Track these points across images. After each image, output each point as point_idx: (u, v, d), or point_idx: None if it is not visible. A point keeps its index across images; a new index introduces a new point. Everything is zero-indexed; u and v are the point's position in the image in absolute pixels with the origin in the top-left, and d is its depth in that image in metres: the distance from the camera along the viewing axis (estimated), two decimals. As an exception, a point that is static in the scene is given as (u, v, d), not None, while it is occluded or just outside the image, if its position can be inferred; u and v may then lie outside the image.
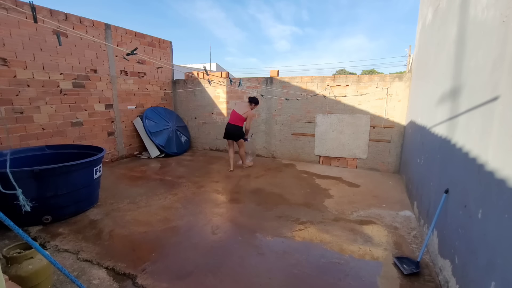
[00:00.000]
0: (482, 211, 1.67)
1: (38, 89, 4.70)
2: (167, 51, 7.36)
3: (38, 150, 4.10)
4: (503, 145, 1.48)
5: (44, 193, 3.07)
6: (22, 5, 4.30)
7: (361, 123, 5.69)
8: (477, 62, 1.97)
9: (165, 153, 6.60)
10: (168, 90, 7.54)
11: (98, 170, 3.61)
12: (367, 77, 5.64)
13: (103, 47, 5.68)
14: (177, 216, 3.48)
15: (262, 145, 6.80)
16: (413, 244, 2.91)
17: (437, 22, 3.39)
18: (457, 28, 2.53)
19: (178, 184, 4.68)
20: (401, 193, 4.44)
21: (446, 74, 2.75)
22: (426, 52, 3.97)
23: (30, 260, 1.94)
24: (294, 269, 2.47)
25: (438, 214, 2.41)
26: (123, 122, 6.35)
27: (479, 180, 1.74)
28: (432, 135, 3.09)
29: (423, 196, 3.27)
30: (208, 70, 4.10)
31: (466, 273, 1.82)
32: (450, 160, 2.37)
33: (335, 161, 6.10)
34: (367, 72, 31.87)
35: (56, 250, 2.69)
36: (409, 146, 4.71)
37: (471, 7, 2.20)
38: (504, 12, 1.59)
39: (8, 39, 4.25)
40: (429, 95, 3.45)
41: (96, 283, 2.25)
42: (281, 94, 6.29)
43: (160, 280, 2.29)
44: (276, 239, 2.98)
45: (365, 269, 2.49)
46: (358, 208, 3.80)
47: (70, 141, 5.21)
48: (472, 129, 1.94)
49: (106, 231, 3.09)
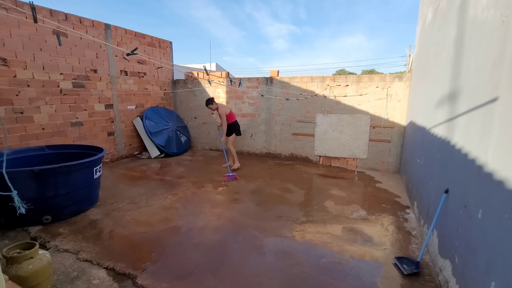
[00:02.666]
0: (482, 211, 1.67)
1: (38, 89, 4.70)
2: (167, 51, 7.36)
3: (38, 150, 4.09)
4: (503, 145, 1.48)
5: (44, 193, 3.07)
6: (22, 5, 4.30)
7: (361, 123, 5.69)
8: (477, 62, 1.97)
9: (165, 153, 6.61)
10: (168, 90, 7.54)
11: (98, 170, 3.61)
12: (367, 77, 5.64)
13: (103, 47, 5.68)
14: (177, 216, 3.48)
15: (262, 145, 6.81)
16: (413, 244, 2.91)
17: (437, 22, 3.39)
18: (457, 28, 2.53)
19: (178, 184, 4.68)
20: (401, 193, 4.44)
21: (446, 74, 2.75)
22: (426, 52, 3.97)
23: (30, 260, 1.94)
24: (294, 269, 2.47)
25: (438, 214, 2.41)
26: (123, 122, 6.35)
27: (479, 180, 1.74)
28: (432, 135, 3.09)
29: (423, 196, 3.27)
30: (208, 70, 4.10)
31: (466, 273, 1.82)
32: (450, 160, 2.37)
33: (335, 161, 6.10)
34: (367, 72, 31.87)
35: (56, 250, 2.69)
36: (409, 146, 4.71)
37: (471, 7, 2.20)
38: (504, 12, 1.59)
39: (8, 39, 4.25)
40: (429, 95, 3.45)
41: (96, 283, 2.25)
42: (281, 94, 6.29)
43: (160, 280, 2.29)
44: (276, 239, 2.98)
45: (365, 269, 2.49)
46: (358, 208, 3.80)
47: (70, 141, 5.22)
48: (472, 129, 1.94)
49: (106, 231, 3.09)
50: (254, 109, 6.72)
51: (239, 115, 6.86)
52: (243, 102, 6.83)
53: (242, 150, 7.04)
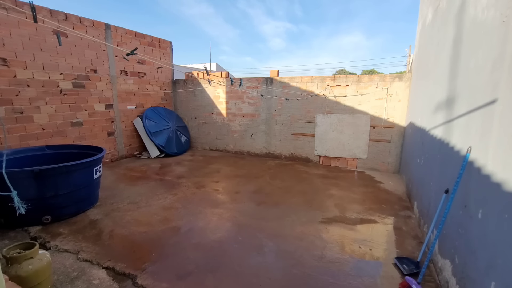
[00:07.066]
0: (482, 211, 1.67)
1: (38, 89, 4.70)
2: (167, 51, 7.36)
3: (38, 150, 4.09)
4: (503, 145, 1.48)
5: (44, 193, 3.07)
6: (22, 5, 4.30)
7: (361, 123, 5.69)
8: (477, 62, 1.97)
9: (165, 153, 6.60)
10: (168, 90, 7.54)
11: (98, 170, 3.61)
12: (367, 77, 5.64)
13: (103, 47, 5.67)
14: (177, 216, 3.48)
15: (262, 145, 6.80)
16: (413, 244, 2.91)
17: (437, 22, 3.40)
18: (457, 28, 2.53)
19: (178, 184, 4.67)
20: (401, 193, 4.44)
21: (446, 74, 2.75)
22: (426, 52, 3.97)
23: (30, 260, 1.94)
24: (294, 269, 2.47)
25: (438, 214, 2.41)
26: (123, 122, 6.35)
27: (479, 180, 1.74)
28: (432, 135, 3.09)
29: (423, 196, 3.27)
30: (208, 70, 4.10)
31: (466, 273, 1.82)
32: (450, 160, 2.37)
33: (335, 161, 6.09)
34: (367, 72, 31.86)
35: (56, 250, 2.69)
36: (409, 146, 4.71)
37: (471, 7, 2.20)
38: (504, 12, 1.59)
39: (8, 39, 4.25)
40: (429, 95, 3.45)
41: (96, 283, 2.25)
42: (281, 94, 6.29)
43: (160, 280, 2.29)
44: (276, 239, 2.98)
45: (365, 269, 2.49)
46: (358, 208, 3.80)
47: (70, 141, 5.21)
48: (472, 129, 1.94)
49: (106, 231, 3.09)
50: (254, 109, 6.72)
51: (239, 115, 6.87)
52: (243, 102, 6.82)
53: (242, 150, 7.04)
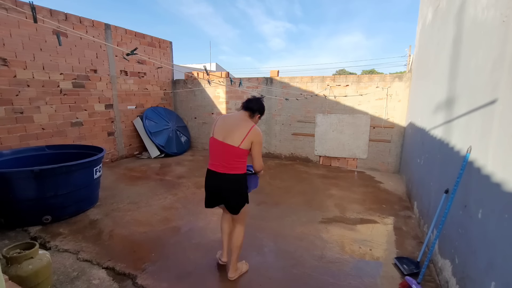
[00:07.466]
0: (482, 211, 1.67)
1: (38, 89, 4.69)
2: (167, 51, 7.36)
3: (38, 150, 4.09)
4: (503, 145, 1.48)
5: (44, 193, 3.07)
6: (22, 5, 4.30)
7: (361, 123, 5.69)
8: (477, 62, 1.97)
9: (165, 153, 6.60)
10: (168, 90, 7.54)
11: (98, 170, 3.61)
12: (367, 77, 5.64)
13: (103, 47, 5.67)
14: (177, 216, 3.48)
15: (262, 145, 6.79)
16: (413, 244, 2.91)
17: (437, 22, 3.40)
18: (457, 28, 2.53)
19: (178, 184, 4.67)
20: (401, 193, 4.44)
21: (446, 74, 2.75)
22: (426, 52, 3.97)
23: (30, 260, 1.94)
24: (294, 269, 2.47)
25: (438, 214, 2.41)
26: (123, 122, 6.35)
27: (479, 180, 1.74)
28: (432, 135, 3.09)
29: (423, 196, 3.27)
30: (208, 70, 4.10)
31: (466, 273, 1.82)
32: (450, 160, 2.37)
33: (335, 161, 6.10)
34: (367, 72, 31.86)
35: (56, 250, 2.69)
36: (409, 146, 4.71)
37: (471, 7, 2.20)
38: (504, 12, 1.59)
39: (8, 39, 4.25)
40: (429, 95, 3.45)
41: (96, 283, 2.25)
42: (281, 94, 6.29)
43: (160, 280, 2.29)
44: (276, 239, 2.98)
45: (365, 269, 2.49)
46: (358, 208, 3.80)
47: (70, 141, 5.21)
48: (472, 129, 1.94)
49: (106, 231, 3.09)
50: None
51: (239, 115, 6.86)
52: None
53: (242, 150, 7.03)
